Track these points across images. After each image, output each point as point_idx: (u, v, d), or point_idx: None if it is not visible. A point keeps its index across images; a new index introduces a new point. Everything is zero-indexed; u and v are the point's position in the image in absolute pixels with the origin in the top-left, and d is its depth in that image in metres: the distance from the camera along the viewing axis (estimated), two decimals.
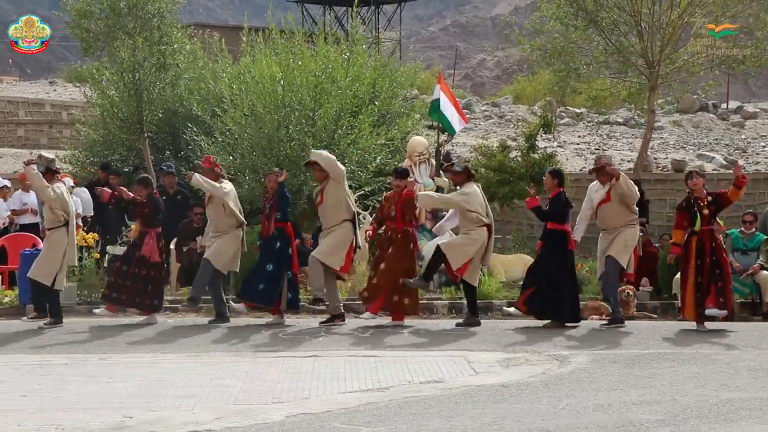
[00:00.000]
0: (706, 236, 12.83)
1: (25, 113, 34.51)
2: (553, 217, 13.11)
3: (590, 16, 21.36)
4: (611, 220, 13.11)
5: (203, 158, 13.84)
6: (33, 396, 8.95)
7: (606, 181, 13.08)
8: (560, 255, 13.07)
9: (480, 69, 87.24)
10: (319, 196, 13.32)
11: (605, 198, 13.09)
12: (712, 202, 12.90)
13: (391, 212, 13.31)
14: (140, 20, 19.96)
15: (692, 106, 34.70)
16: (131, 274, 13.27)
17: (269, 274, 13.17)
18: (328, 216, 13.28)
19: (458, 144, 26.26)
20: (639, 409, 8.21)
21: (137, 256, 13.33)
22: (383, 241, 13.37)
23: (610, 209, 13.08)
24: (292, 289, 13.29)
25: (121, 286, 13.28)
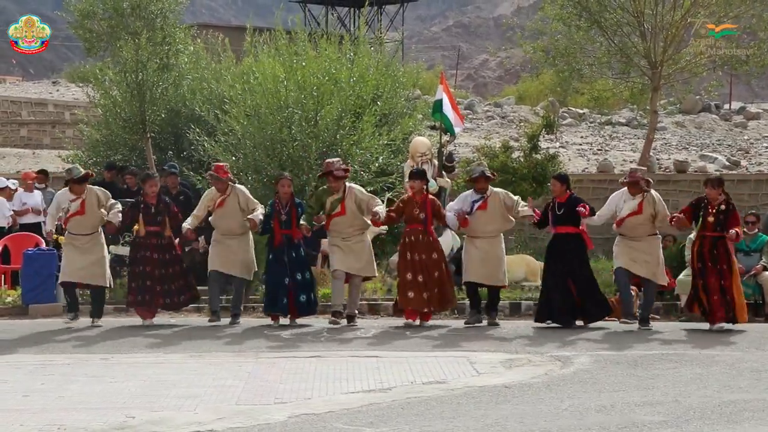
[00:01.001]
0: (707, 242, 12.81)
1: (28, 113, 34.52)
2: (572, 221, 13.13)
3: (593, 17, 21.34)
4: (637, 230, 13.14)
5: (215, 167, 13.72)
6: (36, 396, 8.96)
7: (637, 193, 13.09)
8: (583, 257, 13.21)
9: (482, 69, 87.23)
10: (340, 206, 13.25)
11: (637, 210, 13.10)
12: (722, 212, 12.85)
13: (419, 215, 13.25)
14: (143, 20, 19.93)
15: (695, 107, 34.66)
16: (168, 275, 13.34)
17: (306, 282, 13.25)
18: (349, 226, 13.31)
19: (461, 144, 26.24)
20: (642, 410, 8.20)
21: (174, 254, 13.39)
22: (410, 245, 13.24)
23: (638, 221, 13.11)
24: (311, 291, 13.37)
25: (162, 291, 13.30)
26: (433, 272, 13.19)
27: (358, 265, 13.38)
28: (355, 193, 13.38)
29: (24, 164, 26.52)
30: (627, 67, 22.36)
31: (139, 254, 13.38)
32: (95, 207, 13.30)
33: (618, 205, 13.27)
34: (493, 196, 13.40)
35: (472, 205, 13.35)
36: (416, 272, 13.16)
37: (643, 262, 13.17)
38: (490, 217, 13.33)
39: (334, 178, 13.30)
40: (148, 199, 13.35)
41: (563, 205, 13.19)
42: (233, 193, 13.43)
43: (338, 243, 13.42)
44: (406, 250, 13.34)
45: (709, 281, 12.80)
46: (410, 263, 13.23)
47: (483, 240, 13.38)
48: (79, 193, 13.27)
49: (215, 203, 13.47)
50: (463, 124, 20.36)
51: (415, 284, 13.17)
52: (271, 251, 13.36)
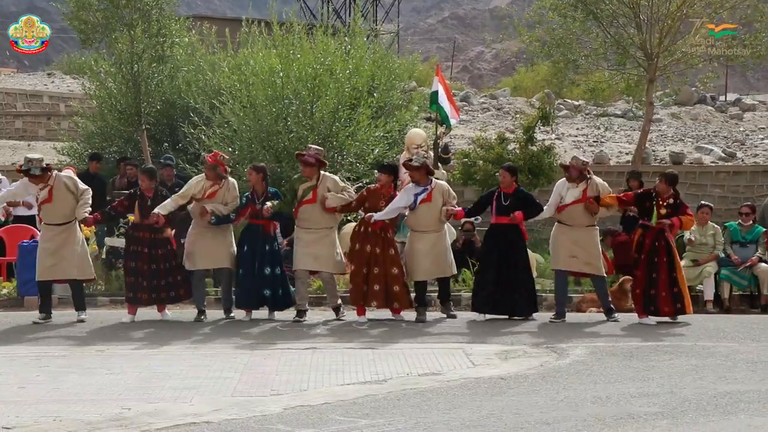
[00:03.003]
0: (650, 234, 12.82)
1: (23, 105, 34.44)
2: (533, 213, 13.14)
3: (589, 8, 21.33)
4: (578, 218, 13.10)
5: (211, 154, 13.45)
6: (31, 388, 8.95)
7: (579, 181, 13.08)
8: (522, 248, 13.15)
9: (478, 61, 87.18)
10: (311, 193, 12.98)
11: (581, 198, 13.07)
12: (671, 206, 12.87)
13: (383, 208, 12.95)
14: (139, 12, 19.89)
15: (690, 99, 34.69)
16: (163, 271, 13.12)
17: (276, 276, 13.04)
18: (318, 215, 13.00)
19: (456, 136, 26.24)
20: (637, 402, 8.22)
21: (169, 248, 13.27)
22: (366, 236, 12.95)
23: (581, 209, 13.07)
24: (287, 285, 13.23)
25: (149, 287, 13.06)
26: (386, 268, 12.86)
27: (321, 260, 13.02)
28: (329, 182, 13.06)
29: (19, 156, 26.46)
30: (623, 59, 22.36)
31: (132, 248, 13.17)
32: (64, 193, 12.82)
33: (561, 194, 13.22)
34: (437, 188, 13.11)
35: (415, 198, 13.01)
36: (363, 264, 12.86)
37: (584, 257, 13.07)
38: (435, 210, 13.04)
39: (304, 164, 13.03)
40: (145, 192, 13.22)
41: (509, 197, 13.06)
42: (225, 186, 13.13)
43: (303, 236, 13.06)
44: (357, 240, 13.00)
45: (647, 274, 12.79)
46: (359, 254, 12.93)
47: (430, 235, 13.07)
48: (46, 181, 12.80)
49: (205, 192, 13.07)
50: (459, 117, 20.36)
51: (357, 276, 12.90)
52: (242, 242, 13.06)
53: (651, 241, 12.80)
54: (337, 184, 13.17)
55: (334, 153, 18.29)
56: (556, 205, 13.22)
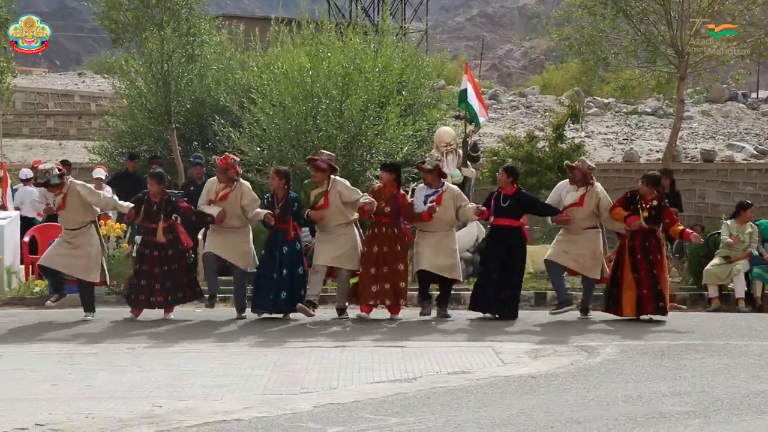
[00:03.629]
0: (638, 235, 12.79)
1: (54, 104, 34.71)
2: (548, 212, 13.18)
3: (619, 5, 21.22)
4: (576, 223, 13.06)
5: (222, 157, 13.43)
6: (63, 385, 9.01)
7: (581, 186, 13.03)
8: (521, 253, 13.14)
9: (507, 59, 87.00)
10: (323, 199, 12.95)
11: (578, 202, 13.03)
12: (654, 208, 12.81)
13: (384, 209, 12.93)
14: (169, 11, 19.98)
15: (722, 96, 34.44)
16: (174, 271, 13.17)
17: (295, 278, 13.04)
18: (332, 219, 13.00)
19: (485, 134, 26.19)
20: (669, 401, 8.16)
21: (180, 249, 13.30)
22: (375, 237, 12.98)
23: (579, 213, 13.04)
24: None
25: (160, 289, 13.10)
26: (393, 265, 12.90)
27: (340, 258, 13.07)
28: (339, 187, 13.07)
29: (50, 155, 26.68)
30: (653, 56, 22.23)
31: (143, 251, 13.23)
32: (76, 202, 12.97)
33: (561, 195, 13.19)
34: (448, 192, 13.13)
35: (425, 199, 13.02)
36: (371, 265, 12.88)
37: (576, 254, 13.05)
38: (444, 212, 13.04)
39: (316, 169, 13.06)
40: (151, 196, 13.23)
41: (509, 198, 13.00)
42: (237, 189, 13.09)
43: (321, 237, 13.13)
44: (367, 243, 13.04)
45: (641, 274, 12.73)
46: (367, 255, 12.96)
47: (436, 234, 13.09)
48: (61, 189, 12.99)
49: (217, 195, 13.09)
50: (488, 115, 20.32)
51: (366, 276, 12.92)
52: (264, 245, 13.09)
53: (641, 242, 12.79)
54: (348, 188, 13.17)
55: (363, 151, 18.31)
56: (555, 204, 13.21)
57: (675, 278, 16.02)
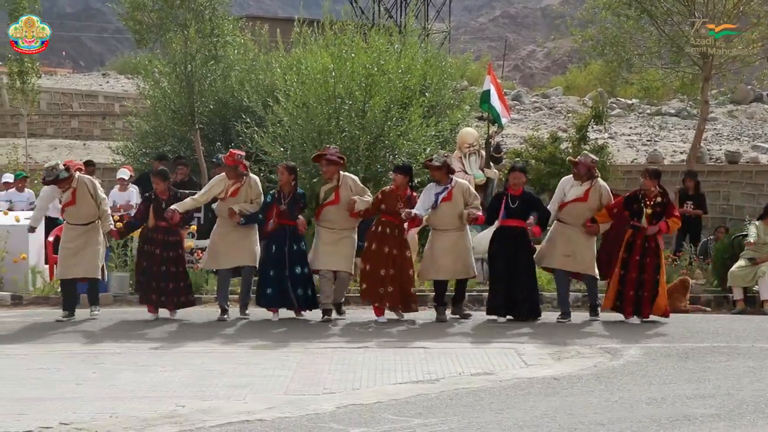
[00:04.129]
0: (641, 234, 12.73)
1: (78, 105, 34.90)
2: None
3: (643, 6, 21.11)
4: (578, 219, 13.01)
5: (227, 155, 13.40)
6: (88, 384, 9.06)
7: (585, 180, 12.99)
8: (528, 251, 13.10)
9: (530, 60, 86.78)
10: (333, 194, 12.95)
11: (582, 197, 13.00)
12: (659, 204, 12.76)
13: (400, 210, 12.84)
14: (192, 12, 20.03)
15: (746, 97, 34.24)
16: (172, 274, 13.17)
17: (305, 276, 13.04)
18: (341, 216, 12.99)
19: (508, 135, 26.14)
20: (693, 403, 8.12)
21: (180, 253, 13.36)
22: (381, 237, 12.89)
23: (582, 208, 13.00)
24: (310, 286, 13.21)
25: (164, 289, 13.14)
26: (402, 269, 12.88)
27: (343, 262, 13.05)
28: (350, 182, 13.06)
29: (74, 155, 26.79)
30: (677, 57, 22.11)
31: (145, 247, 13.28)
32: (87, 196, 13.10)
33: (565, 190, 13.15)
34: (458, 187, 13.06)
35: (436, 197, 12.97)
36: (380, 265, 12.81)
37: (579, 257, 12.99)
38: (456, 209, 12.97)
39: (327, 162, 12.98)
40: (159, 194, 13.28)
41: (517, 198, 12.95)
42: (247, 183, 13.11)
43: (325, 237, 13.04)
44: (374, 240, 12.93)
45: (637, 275, 12.67)
46: (374, 254, 12.88)
47: (451, 233, 13.01)
48: (69, 184, 13.09)
49: (227, 192, 13.07)
50: (510, 116, 20.28)
51: (373, 276, 12.83)
52: (269, 241, 13.00)
53: (641, 242, 12.74)
54: (357, 184, 13.19)
55: (385, 152, 18.30)
56: (560, 201, 13.16)
57: (699, 280, 15.94)
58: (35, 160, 25.71)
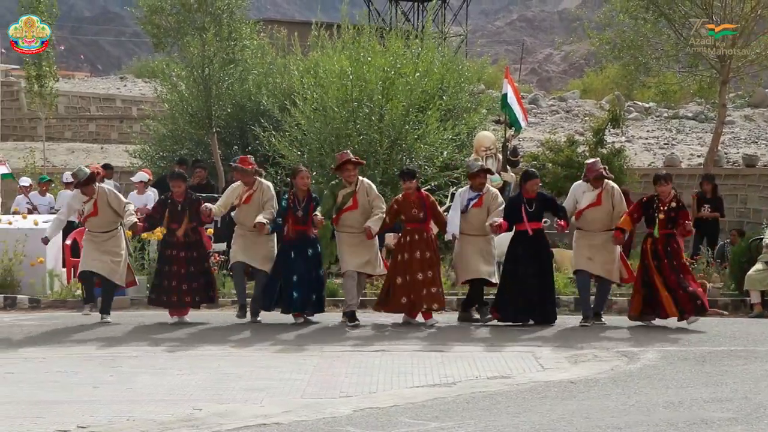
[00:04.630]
0: (660, 240, 12.67)
1: (96, 108, 35.07)
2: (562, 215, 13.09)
3: (661, 9, 21.08)
4: (596, 223, 12.98)
5: (240, 159, 13.44)
6: (105, 388, 9.09)
7: (597, 186, 12.95)
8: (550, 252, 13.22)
9: (546, 63, 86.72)
10: (351, 200, 12.95)
11: (596, 201, 12.94)
12: (673, 209, 12.71)
13: (418, 214, 12.91)
14: (210, 16, 20.11)
15: (764, 100, 34.13)
16: (196, 273, 13.20)
17: (320, 279, 13.10)
18: (360, 221, 12.96)
19: (525, 139, 26.13)
20: (710, 407, 8.09)
21: (202, 251, 13.40)
22: (409, 245, 12.92)
23: (598, 213, 12.95)
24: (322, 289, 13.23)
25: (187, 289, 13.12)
26: (429, 270, 12.86)
27: (368, 264, 13.06)
28: (367, 187, 13.07)
29: (92, 158, 26.93)
30: (695, 60, 22.06)
31: (167, 252, 13.25)
32: (106, 206, 13.24)
33: (577, 197, 13.08)
34: (488, 195, 13.11)
35: (467, 203, 13.04)
36: (414, 272, 12.79)
37: (601, 260, 12.96)
38: (484, 215, 12.99)
39: (354, 165, 13.02)
40: (175, 197, 13.30)
41: (533, 201, 12.96)
42: (259, 189, 13.10)
43: (347, 240, 13.07)
44: (402, 250, 12.98)
45: (670, 278, 12.61)
46: (405, 264, 12.89)
47: (478, 238, 13.04)
48: (90, 194, 13.24)
49: (241, 198, 13.08)
50: (527, 121, 20.26)
51: (413, 285, 12.81)
52: (287, 247, 12.97)
53: (663, 246, 12.69)
54: (373, 189, 13.20)
55: (403, 155, 18.32)
56: (573, 208, 13.11)
57: (716, 284, 15.89)
58: (53, 163, 25.86)
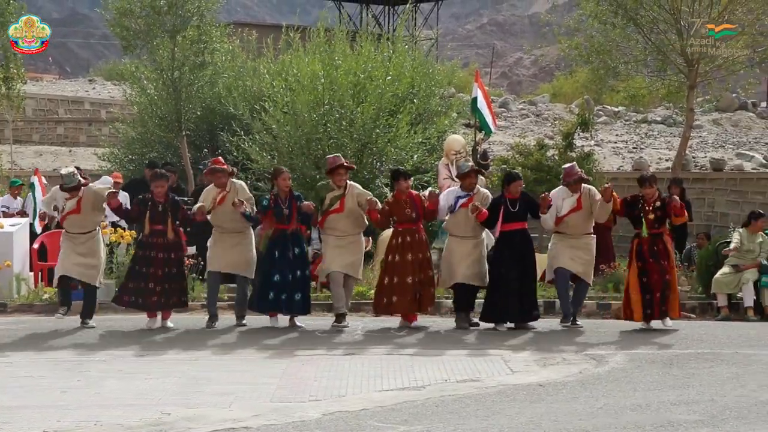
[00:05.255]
0: (647, 240, 12.77)
1: (64, 111, 34.85)
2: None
3: (629, 14, 21.21)
4: (577, 228, 13.04)
5: (213, 160, 13.41)
6: (72, 392, 9.04)
7: (576, 190, 13.00)
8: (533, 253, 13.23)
9: (517, 67, 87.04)
10: (339, 202, 12.98)
11: (576, 206, 12.99)
12: (659, 208, 12.82)
13: (411, 214, 12.97)
14: (180, 19, 20.03)
15: (731, 105, 34.39)
16: (174, 273, 13.14)
17: (306, 279, 13.07)
18: (346, 224, 13.02)
19: (495, 142, 26.19)
20: (677, 410, 8.15)
21: (181, 254, 13.34)
22: (402, 246, 12.95)
23: (579, 218, 13.02)
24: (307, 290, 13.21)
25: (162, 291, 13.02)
26: (424, 272, 12.95)
27: (353, 266, 13.08)
28: (356, 191, 13.09)
29: (60, 162, 26.77)
30: (663, 65, 22.20)
31: (143, 253, 13.12)
32: (90, 207, 13.11)
33: (557, 204, 13.05)
34: (478, 195, 13.10)
35: (455, 201, 13.03)
36: (405, 274, 12.84)
37: (581, 260, 13.04)
38: (473, 216, 12.99)
39: (345, 169, 13.05)
40: (156, 198, 13.19)
41: (517, 201, 12.98)
42: (233, 189, 13.03)
43: (332, 242, 13.06)
44: (395, 251, 12.99)
45: (653, 278, 12.71)
46: (397, 265, 12.91)
47: (468, 241, 13.04)
48: (74, 194, 13.10)
49: (215, 201, 13.01)
50: (497, 125, 20.30)
51: (401, 287, 12.86)
52: (272, 246, 12.96)
53: (649, 246, 12.76)
54: (361, 191, 13.20)
55: (373, 159, 18.33)
56: (554, 215, 13.07)
57: (684, 287, 16.00)
58: (20, 166, 25.66)
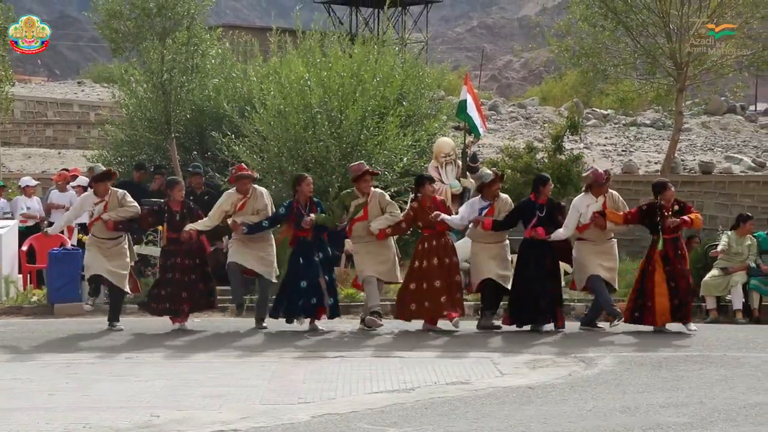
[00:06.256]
0: (668, 244, 12.74)
1: (53, 113, 34.78)
2: None
3: (619, 17, 21.27)
4: (600, 234, 12.99)
5: (237, 167, 13.41)
6: (61, 395, 9.02)
7: (600, 194, 12.98)
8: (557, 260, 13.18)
9: (506, 70, 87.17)
10: (363, 210, 12.99)
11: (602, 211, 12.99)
12: (677, 213, 12.80)
13: (432, 218, 12.96)
14: (170, 21, 20.00)
15: (720, 108, 34.53)
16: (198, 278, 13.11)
17: (333, 284, 13.14)
18: (369, 231, 13.01)
19: (485, 145, 26.23)
20: (666, 412, 8.17)
21: (204, 257, 13.30)
22: (428, 251, 12.99)
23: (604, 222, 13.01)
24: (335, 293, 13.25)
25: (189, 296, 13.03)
26: (452, 276, 12.99)
27: (385, 270, 13.12)
28: (379, 198, 13.14)
29: (49, 164, 26.71)
30: (652, 68, 22.27)
31: (170, 261, 13.09)
32: (117, 208, 13.09)
33: (580, 211, 12.99)
34: (499, 201, 13.20)
35: (479, 212, 13.11)
36: (432, 278, 12.87)
37: (608, 267, 13.04)
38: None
39: (371, 176, 13.15)
40: (173, 206, 13.25)
41: (544, 206, 12.99)
42: (253, 196, 13.07)
43: (362, 249, 13.15)
44: (421, 257, 13.03)
45: (681, 284, 12.73)
46: (425, 270, 12.93)
47: (492, 245, 13.11)
48: (103, 195, 13.09)
49: (236, 206, 13.03)
50: (486, 127, 20.33)
51: (429, 292, 12.88)
52: (296, 254, 13.04)
53: (673, 251, 12.74)
54: (385, 198, 13.24)
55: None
56: (575, 223, 13.03)
57: None
58: (9, 169, 25.58)
